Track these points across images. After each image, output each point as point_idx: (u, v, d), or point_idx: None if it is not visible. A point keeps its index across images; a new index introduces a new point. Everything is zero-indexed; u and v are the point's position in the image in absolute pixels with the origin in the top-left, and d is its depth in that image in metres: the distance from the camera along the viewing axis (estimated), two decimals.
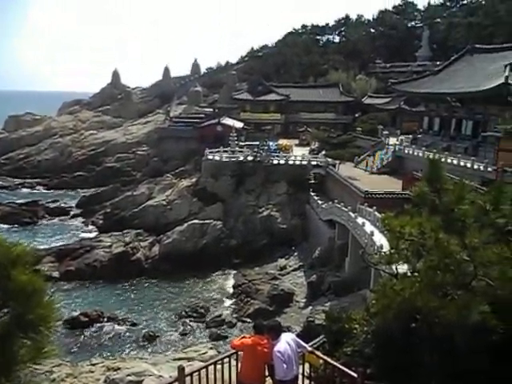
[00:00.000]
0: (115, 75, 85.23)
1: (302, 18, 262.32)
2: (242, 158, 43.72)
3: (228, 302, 31.30)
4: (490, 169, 28.61)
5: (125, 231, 39.72)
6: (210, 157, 44.14)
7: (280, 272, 33.58)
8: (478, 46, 43.28)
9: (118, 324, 28.22)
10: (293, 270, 33.57)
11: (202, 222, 38.94)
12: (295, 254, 36.03)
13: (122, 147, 67.08)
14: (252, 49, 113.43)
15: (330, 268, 30.53)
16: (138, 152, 65.61)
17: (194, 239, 37.84)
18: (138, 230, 39.84)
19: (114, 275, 34.08)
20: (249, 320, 27.54)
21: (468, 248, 3.89)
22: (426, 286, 4.01)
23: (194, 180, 44.89)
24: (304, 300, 29.34)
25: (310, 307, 27.24)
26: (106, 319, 28.58)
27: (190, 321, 28.73)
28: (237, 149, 46.18)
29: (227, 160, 43.64)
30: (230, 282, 33.95)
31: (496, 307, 3.79)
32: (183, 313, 29.52)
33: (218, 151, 44.92)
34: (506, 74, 30.13)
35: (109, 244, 37.59)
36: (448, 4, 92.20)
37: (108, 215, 44.76)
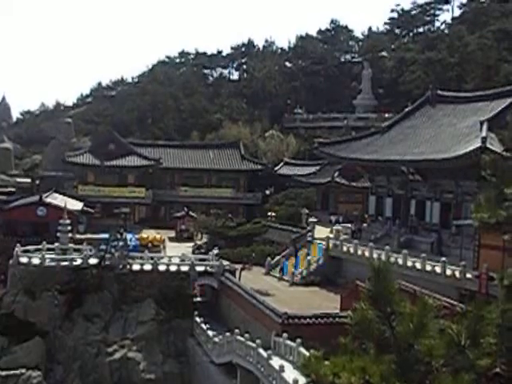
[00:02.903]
0: None
1: (181, 42, 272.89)
2: (79, 262, 42.84)
3: None
4: (469, 275, 30.62)
5: None
6: (24, 259, 42.76)
7: None
8: (441, 93, 48.04)
9: None
10: None
11: (5, 373, 36.91)
12: None
13: None
14: (99, 85, 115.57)
15: None
16: None
17: None
18: None
19: None
20: None
21: None
22: None
23: None
24: None
25: None
26: None
27: None
28: (71, 246, 45.44)
29: (54, 265, 42.54)
30: None
31: None
32: None
33: (38, 250, 43.72)
34: (484, 134, 33.30)
35: None
36: (397, 32, 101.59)
37: None
